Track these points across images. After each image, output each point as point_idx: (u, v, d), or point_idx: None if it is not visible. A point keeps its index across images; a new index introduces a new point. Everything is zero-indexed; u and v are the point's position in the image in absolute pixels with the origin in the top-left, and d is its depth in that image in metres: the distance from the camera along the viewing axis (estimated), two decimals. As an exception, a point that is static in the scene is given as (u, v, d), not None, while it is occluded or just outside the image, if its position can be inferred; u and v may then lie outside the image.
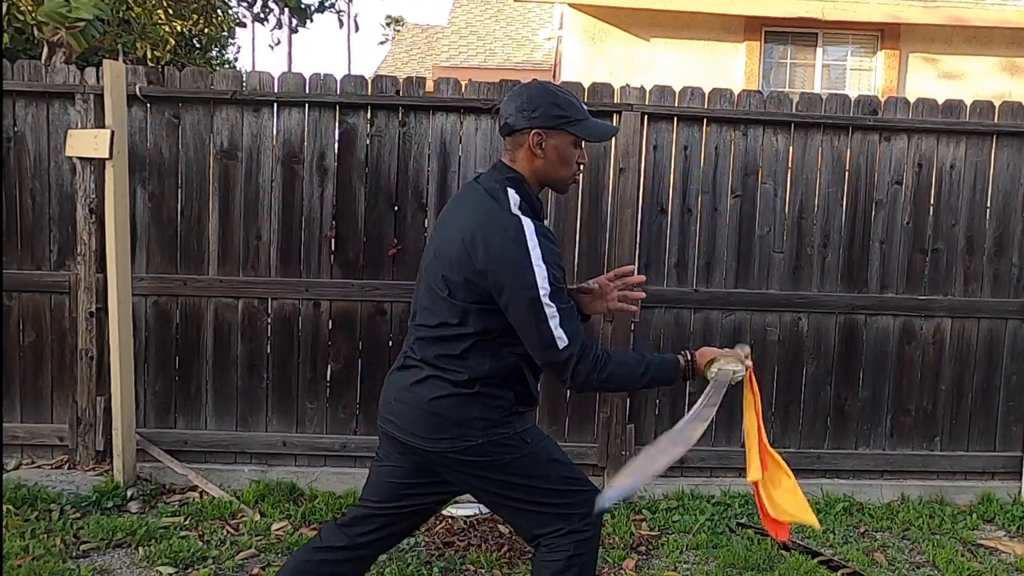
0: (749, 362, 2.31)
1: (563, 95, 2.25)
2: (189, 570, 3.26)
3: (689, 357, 2.30)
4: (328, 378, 4.11)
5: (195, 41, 13.52)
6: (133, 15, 8.91)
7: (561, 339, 2.12)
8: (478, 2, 17.98)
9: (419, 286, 2.33)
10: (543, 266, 2.11)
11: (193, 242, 4.04)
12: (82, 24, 4.99)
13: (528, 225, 2.14)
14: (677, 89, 4.09)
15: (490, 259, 2.13)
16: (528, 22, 17.28)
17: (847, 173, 4.16)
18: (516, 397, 2.27)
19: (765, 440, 2.30)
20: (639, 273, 4.08)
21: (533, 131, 2.21)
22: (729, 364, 2.29)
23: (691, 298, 4.11)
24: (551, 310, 2.11)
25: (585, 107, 2.30)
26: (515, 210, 2.17)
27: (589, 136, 2.27)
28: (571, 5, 8.74)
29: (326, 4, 14.97)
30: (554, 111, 2.21)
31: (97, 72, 3.94)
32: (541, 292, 2.10)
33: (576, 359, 2.13)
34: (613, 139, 4.03)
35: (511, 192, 2.21)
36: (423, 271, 2.32)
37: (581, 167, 2.32)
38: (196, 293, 4.04)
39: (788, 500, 2.24)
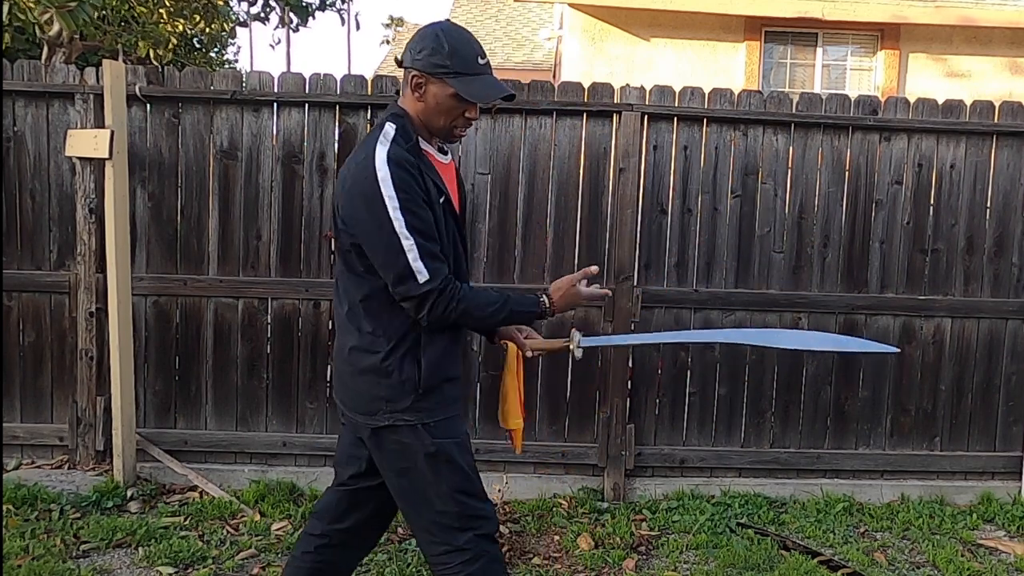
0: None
1: (453, 44, 2.10)
2: (189, 570, 3.26)
3: (547, 298, 2.25)
4: (328, 378, 4.11)
5: (195, 41, 13.52)
6: (136, 14, 8.90)
7: (421, 272, 2.03)
8: (478, 2, 17.99)
9: None
10: (395, 196, 2.02)
11: (193, 242, 4.04)
12: (73, 4, 4.90)
13: (380, 152, 2.04)
14: (677, 89, 4.08)
15: (345, 195, 2.09)
16: (528, 22, 17.30)
17: (847, 173, 4.16)
18: (426, 374, 2.13)
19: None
20: (639, 273, 4.09)
21: (412, 72, 2.14)
22: (575, 337, 2.46)
23: (691, 298, 4.11)
24: (408, 242, 2.02)
25: (484, 62, 2.15)
26: (382, 139, 2.08)
27: (467, 95, 2.11)
28: (571, 5, 8.74)
29: (327, 2, 14.96)
30: (435, 58, 2.09)
31: (97, 72, 3.94)
32: (395, 223, 2.01)
33: (436, 294, 2.05)
34: (613, 139, 4.03)
35: (388, 126, 2.13)
36: None
37: (466, 123, 2.19)
38: (196, 293, 4.04)
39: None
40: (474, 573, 2.17)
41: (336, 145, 4.05)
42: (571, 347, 2.45)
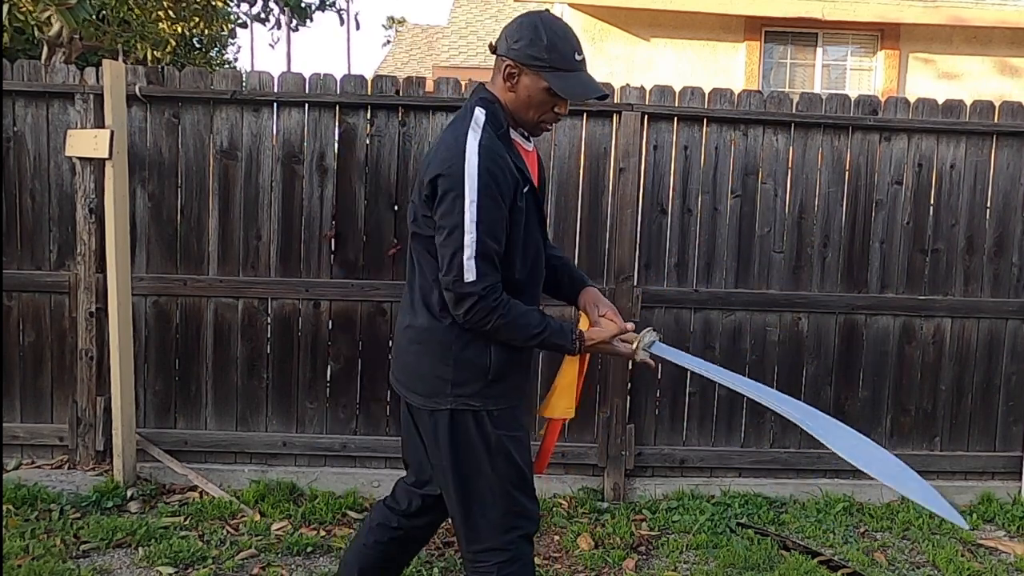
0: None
1: (553, 37, 2.06)
2: (189, 570, 3.26)
3: (580, 341, 2.16)
4: (328, 378, 4.11)
5: (195, 41, 13.53)
6: (133, 15, 8.90)
7: (470, 271, 2.00)
8: (478, 2, 17.99)
9: None
10: (475, 188, 1.99)
11: (193, 242, 4.04)
12: (73, 1, 4.92)
13: (472, 139, 2.02)
14: (677, 89, 4.08)
15: (428, 172, 2.07)
16: (528, 22, 17.26)
17: (847, 173, 4.16)
18: (497, 360, 2.11)
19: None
20: (639, 273, 4.09)
21: (507, 61, 2.11)
22: (647, 336, 2.26)
23: (691, 298, 4.11)
24: (470, 237, 1.99)
25: (581, 59, 2.11)
26: (474, 125, 2.07)
27: (561, 91, 2.08)
28: (571, 5, 8.74)
29: (327, 3, 14.98)
30: (533, 50, 2.06)
31: (97, 72, 3.94)
32: (466, 214, 1.99)
33: (476, 298, 2.02)
34: (613, 139, 4.03)
35: (478, 111, 2.12)
36: None
37: (554, 117, 2.17)
38: (196, 293, 4.04)
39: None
40: (510, 575, 2.15)
41: (336, 145, 4.05)
42: (635, 346, 2.23)
